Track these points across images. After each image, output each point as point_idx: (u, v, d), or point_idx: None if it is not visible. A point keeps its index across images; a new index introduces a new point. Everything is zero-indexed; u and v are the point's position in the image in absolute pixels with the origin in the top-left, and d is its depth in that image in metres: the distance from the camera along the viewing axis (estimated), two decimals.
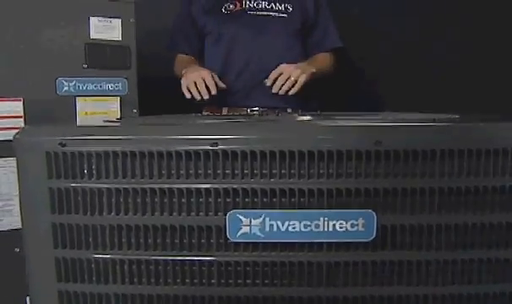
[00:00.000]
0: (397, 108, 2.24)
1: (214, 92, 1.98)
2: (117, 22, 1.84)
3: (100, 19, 1.81)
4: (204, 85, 1.96)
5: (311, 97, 2.25)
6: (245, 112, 1.94)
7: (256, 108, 2.04)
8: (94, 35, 1.81)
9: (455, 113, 1.39)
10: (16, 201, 1.66)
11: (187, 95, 1.99)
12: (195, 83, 1.99)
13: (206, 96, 1.96)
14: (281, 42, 2.20)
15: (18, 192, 1.61)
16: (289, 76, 1.99)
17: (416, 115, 1.39)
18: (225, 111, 2.17)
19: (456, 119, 1.25)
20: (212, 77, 2.00)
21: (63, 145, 1.01)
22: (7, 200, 1.70)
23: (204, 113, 2.12)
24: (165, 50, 2.34)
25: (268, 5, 2.22)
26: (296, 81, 2.00)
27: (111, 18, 1.83)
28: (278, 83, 2.00)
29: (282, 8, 2.23)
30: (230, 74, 2.20)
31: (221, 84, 2.03)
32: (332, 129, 1.06)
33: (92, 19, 1.80)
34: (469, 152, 1.01)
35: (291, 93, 1.98)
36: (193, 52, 2.30)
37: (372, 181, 1.00)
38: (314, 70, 2.08)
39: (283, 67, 2.03)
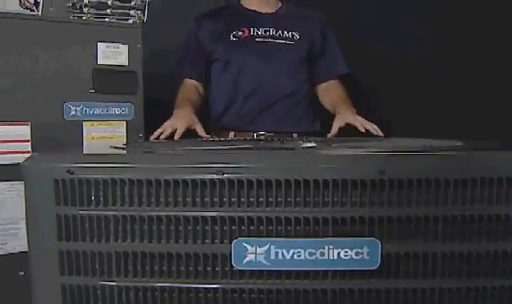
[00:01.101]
0: (401, 131, 2.28)
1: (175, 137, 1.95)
2: (125, 48, 1.86)
3: (107, 44, 1.83)
4: (168, 132, 1.95)
5: (315, 121, 2.28)
6: (251, 137, 1.95)
7: (262, 133, 2.06)
8: (101, 60, 1.83)
9: (458, 138, 1.40)
10: (22, 224, 1.66)
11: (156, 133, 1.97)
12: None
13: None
14: (288, 69, 2.23)
15: (23, 216, 1.63)
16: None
17: (419, 141, 1.39)
18: (231, 135, 2.19)
19: (459, 147, 1.25)
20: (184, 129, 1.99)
21: (71, 173, 1.02)
22: (12, 223, 1.70)
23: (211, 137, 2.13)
24: (168, 72, 2.36)
25: (275, 33, 2.25)
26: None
27: (118, 43, 1.85)
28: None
29: (289, 35, 2.26)
30: (237, 99, 2.23)
31: (201, 132, 2.03)
32: (337, 158, 1.07)
33: (100, 44, 1.82)
34: (472, 181, 1.02)
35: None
36: (199, 77, 2.32)
37: (376, 210, 1.01)
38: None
39: (346, 117, 2.05)
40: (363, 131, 1.94)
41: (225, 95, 2.25)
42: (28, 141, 1.72)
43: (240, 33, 2.24)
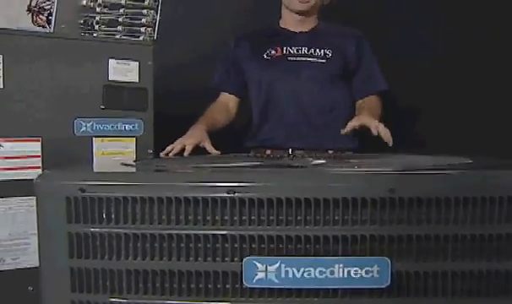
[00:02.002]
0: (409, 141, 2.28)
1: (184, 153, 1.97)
2: (135, 64, 1.88)
3: (118, 61, 1.85)
4: (178, 149, 1.97)
5: (354, 138, 2.26)
6: (286, 154, 1.97)
7: (297, 150, 2.06)
8: (112, 76, 1.84)
9: (466, 149, 1.40)
10: (32, 240, 1.68)
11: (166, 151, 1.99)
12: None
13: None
14: (320, 87, 2.25)
15: (34, 231, 1.64)
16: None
17: (428, 158, 1.40)
18: (268, 152, 2.22)
19: (469, 165, 1.26)
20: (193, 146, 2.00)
21: (83, 191, 1.03)
22: (23, 239, 1.71)
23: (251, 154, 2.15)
24: (177, 89, 2.38)
25: (307, 51, 2.28)
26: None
27: (129, 60, 1.86)
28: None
29: (321, 53, 2.27)
30: (272, 117, 2.28)
31: (210, 149, 2.04)
32: (347, 177, 1.07)
33: (111, 61, 1.84)
34: (482, 199, 1.02)
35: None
36: (235, 92, 2.38)
37: (386, 228, 1.01)
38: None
39: (362, 118, 2.03)
40: (375, 134, 1.92)
41: (259, 113, 2.30)
42: (39, 157, 1.74)
43: (273, 52, 2.29)
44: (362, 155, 1.87)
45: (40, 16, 1.96)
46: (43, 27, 1.95)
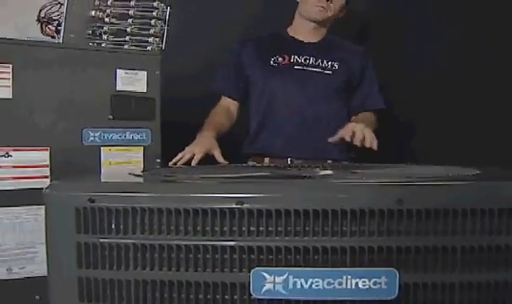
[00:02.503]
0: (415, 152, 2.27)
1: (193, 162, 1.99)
2: (143, 74, 1.88)
3: (126, 71, 1.85)
4: (187, 158, 1.99)
5: (350, 149, 2.28)
6: (284, 164, 1.98)
7: (297, 160, 2.08)
8: (120, 86, 1.85)
9: (471, 159, 1.40)
10: (39, 249, 1.69)
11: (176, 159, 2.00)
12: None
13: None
14: (322, 97, 2.26)
15: (41, 240, 1.64)
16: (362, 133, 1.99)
17: (435, 169, 1.40)
18: (266, 160, 2.22)
19: (476, 176, 1.25)
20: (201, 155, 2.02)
21: (92, 201, 1.03)
22: (30, 247, 1.72)
23: (250, 163, 2.16)
24: (185, 97, 2.38)
25: (315, 61, 2.30)
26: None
27: (137, 70, 1.87)
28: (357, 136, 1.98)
29: (328, 65, 2.29)
30: (271, 125, 2.28)
31: (219, 158, 2.05)
32: (355, 188, 1.08)
33: (119, 71, 1.84)
34: (490, 211, 1.02)
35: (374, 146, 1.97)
36: (236, 97, 2.38)
37: (394, 240, 1.01)
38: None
39: (352, 125, 2.05)
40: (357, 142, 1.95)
41: (259, 119, 2.30)
42: (47, 166, 1.74)
43: (280, 59, 2.30)
44: (369, 165, 1.87)
45: (50, 26, 1.97)
46: (52, 37, 1.96)
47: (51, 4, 1.97)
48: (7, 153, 1.69)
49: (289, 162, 2.13)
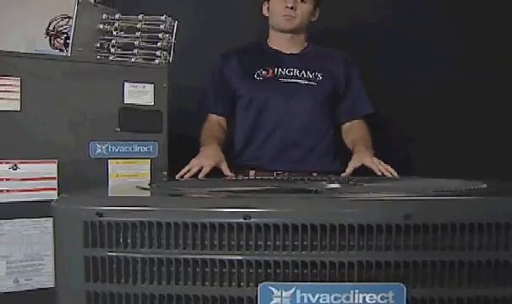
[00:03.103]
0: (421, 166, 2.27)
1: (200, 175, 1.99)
2: (150, 87, 1.89)
3: (134, 84, 1.86)
4: (195, 171, 1.99)
5: (335, 160, 2.29)
6: (272, 177, 1.97)
7: (282, 172, 2.09)
8: (127, 99, 1.86)
9: (479, 172, 1.40)
10: (46, 261, 1.69)
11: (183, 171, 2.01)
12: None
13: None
14: (309, 109, 2.26)
15: (48, 252, 1.65)
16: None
17: (442, 182, 1.40)
18: (252, 173, 2.21)
19: (484, 190, 1.26)
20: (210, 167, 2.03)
21: (100, 215, 1.04)
22: (37, 260, 1.72)
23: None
24: (192, 110, 2.39)
25: (299, 73, 2.29)
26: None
27: (144, 83, 1.88)
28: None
29: (312, 76, 2.29)
30: (258, 138, 2.27)
31: (226, 171, 2.07)
32: (362, 203, 1.08)
33: (126, 84, 1.85)
34: (497, 226, 1.02)
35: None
36: (223, 113, 2.36)
37: (401, 254, 1.01)
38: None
39: (362, 159, 2.07)
40: (379, 174, 1.96)
41: (246, 133, 2.29)
42: (54, 179, 1.75)
43: (264, 72, 2.28)
44: (376, 179, 1.88)
45: (58, 39, 1.99)
46: (60, 50, 1.98)
47: (59, 18, 1.99)
48: (15, 165, 1.70)
49: (275, 175, 2.13)
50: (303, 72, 2.29)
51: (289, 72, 2.29)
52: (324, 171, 2.16)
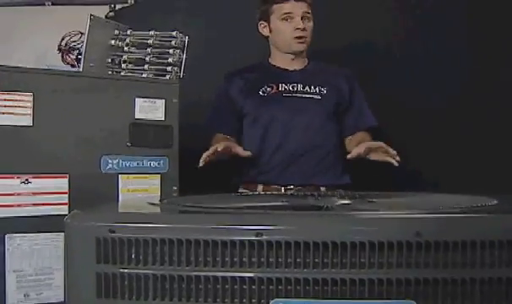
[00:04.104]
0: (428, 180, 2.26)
1: (219, 149, 2.03)
2: (161, 102, 1.91)
3: (145, 99, 1.88)
4: (210, 153, 2.03)
5: (344, 174, 2.29)
6: (280, 191, 1.98)
7: (290, 187, 2.10)
8: (138, 114, 1.87)
9: (489, 187, 1.40)
10: (56, 275, 1.70)
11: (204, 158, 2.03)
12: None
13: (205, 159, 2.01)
14: (315, 123, 2.28)
15: (58, 266, 1.66)
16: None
17: (452, 198, 1.40)
18: (260, 188, 2.22)
19: (495, 207, 1.25)
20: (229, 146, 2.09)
21: (113, 231, 1.04)
22: (47, 274, 1.73)
23: (241, 190, 2.17)
24: (202, 124, 2.40)
25: (303, 88, 2.31)
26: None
27: (155, 98, 1.89)
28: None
29: (317, 90, 2.31)
30: (266, 153, 2.29)
31: (242, 152, 2.10)
32: (373, 221, 1.08)
33: (137, 99, 1.87)
34: (509, 243, 1.02)
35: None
36: (230, 132, 2.38)
37: (412, 272, 1.01)
38: None
39: (369, 143, 2.11)
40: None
41: (253, 148, 2.29)
42: (66, 193, 1.76)
43: (268, 89, 2.30)
44: (386, 194, 1.87)
45: (70, 55, 2.01)
46: (72, 65, 2.00)
47: (72, 33, 2.01)
48: (26, 180, 1.72)
49: (284, 190, 2.14)
50: (307, 87, 2.32)
51: (293, 87, 2.31)
52: (332, 184, 2.18)
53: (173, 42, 2.00)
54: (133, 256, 1.05)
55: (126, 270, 1.05)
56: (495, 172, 2.48)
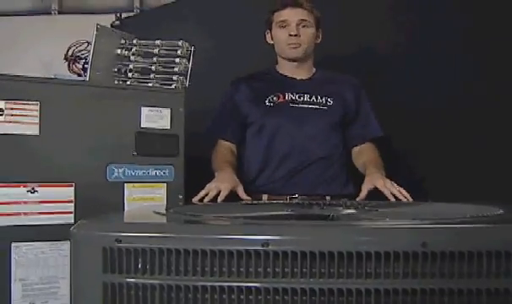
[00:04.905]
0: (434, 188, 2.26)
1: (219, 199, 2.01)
2: (167, 111, 1.91)
3: (150, 108, 1.88)
4: (213, 195, 2.00)
5: (348, 184, 2.30)
6: (287, 201, 1.98)
7: (295, 196, 2.10)
8: (144, 123, 1.88)
9: (494, 196, 1.40)
10: (61, 284, 1.71)
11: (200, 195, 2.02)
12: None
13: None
14: (321, 133, 2.28)
15: (64, 275, 1.66)
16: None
17: (458, 208, 1.40)
18: (265, 197, 2.22)
19: (501, 217, 1.25)
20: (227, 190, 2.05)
21: (119, 241, 1.05)
22: (53, 282, 1.73)
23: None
24: (205, 133, 2.40)
25: (309, 98, 2.31)
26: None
27: (161, 107, 1.90)
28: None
29: (323, 101, 2.31)
30: (271, 163, 2.28)
31: (243, 196, 2.09)
32: (379, 231, 1.08)
33: (143, 108, 1.88)
34: None
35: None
36: (233, 139, 2.38)
37: (419, 282, 1.01)
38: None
39: (374, 181, 2.09)
40: (392, 199, 1.96)
41: (259, 158, 2.30)
42: (71, 202, 1.77)
43: (275, 98, 2.30)
44: (391, 203, 1.88)
45: (76, 64, 2.02)
46: (79, 75, 2.00)
47: (78, 43, 2.02)
48: (32, 188, 1.72)
49: (289, 199, 2.16)
50: (314, 97, 2.31)
51: (299, 97, 2.31)
52: (336, 194, 2.18)
53: (179, 51, 2.00)
54: (139, 266, 1.05)
55: (132, 280, 1.05)
56: (499, 179, 2.47)
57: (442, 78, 2.62)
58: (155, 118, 1.89)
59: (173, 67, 1.99)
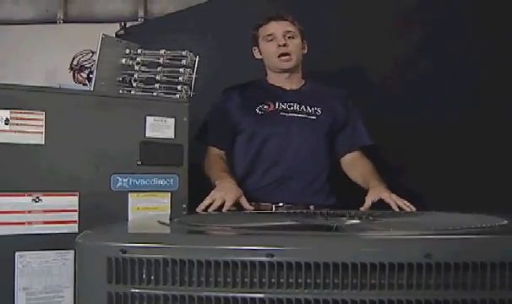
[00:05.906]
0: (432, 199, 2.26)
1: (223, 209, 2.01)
2: (172, 121, 1.91)
3: (155, 118, 1.89)
4: (218, 205, 2.00)
5: (331, 195, 2.30)
6: (271, 209, 2.00)
7: (280, 205, 2.11)
8: (149, 133, 1.88)
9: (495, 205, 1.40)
10: (65, 293, 1.71)
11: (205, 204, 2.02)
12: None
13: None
14: (309, 142, 2.30)
15: (68, 284, 1.66)
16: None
17: (461, 218, 1.40)
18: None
19: (505, 227, 1.25)
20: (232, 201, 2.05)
21: (124, 252, 1.05)
22: (57, 292, 1.73)
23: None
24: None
25: (299, 107, 2.33)
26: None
27: (165, 117, 1.91)
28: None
29: (312, 110, 2.33)
30: (257, 171, 2.30)
31: (247, 205, 2.10)
32: (383, 242, 1.08)
33: (148, 118, 1.88)
34: None
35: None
36: (223, 147, 2.38)
37: (423, 293, 1.01)
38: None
39: (379, 193, 2.09)
40: (397, 210, 1.97)
41: (246, 165, 2.32)
42: (76, 211, 1.77)
43: (266, 107, 2.32)
44: (395, 213, 1.88)
45: (81, 74, 2.03)
46: (83, 84, 2.01)
47: (83, 53, 2.03)
48: (37, 197, 1.72)
49: (273, 208, 2.17)
50: (303, 106, 2.34)
51: (289, 106, 2.33)
52: (320, 204, 2.19)
53: (183, 61, 2.01)
54: (144, 276, 1.06)
55: (137, 290, 1.06)
56: (498, 188, 2.46)
57: (442, 86, 2.62)
58: (160, 128, 1.89)
59: (178, 77, 2.00)
